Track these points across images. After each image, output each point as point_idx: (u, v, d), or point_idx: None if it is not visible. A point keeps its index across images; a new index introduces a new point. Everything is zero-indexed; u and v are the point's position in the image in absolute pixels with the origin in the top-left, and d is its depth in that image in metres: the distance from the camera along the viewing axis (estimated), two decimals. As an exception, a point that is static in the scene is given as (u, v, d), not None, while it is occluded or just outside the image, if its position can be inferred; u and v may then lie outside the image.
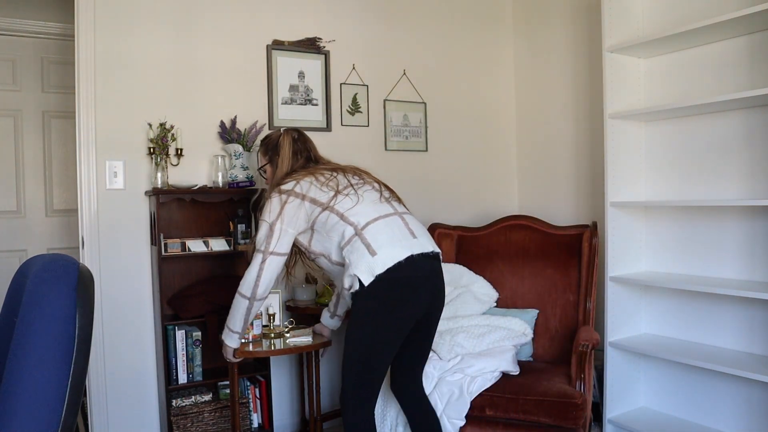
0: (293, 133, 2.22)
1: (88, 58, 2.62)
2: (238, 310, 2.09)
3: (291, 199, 2.04)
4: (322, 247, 2.07)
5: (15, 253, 3.67)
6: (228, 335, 2.16)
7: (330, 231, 2.01)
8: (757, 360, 2.36)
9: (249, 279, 2.05)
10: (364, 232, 1.95)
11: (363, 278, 1.89)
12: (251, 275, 2.04)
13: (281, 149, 2.18)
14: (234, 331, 2.14)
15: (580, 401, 2.24)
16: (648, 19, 2.80)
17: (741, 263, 2.51)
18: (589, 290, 2.76)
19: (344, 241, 1.97)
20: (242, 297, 2.07)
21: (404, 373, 2.20)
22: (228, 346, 2.19)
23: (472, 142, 3.66)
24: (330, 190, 2.04)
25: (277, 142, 2.21)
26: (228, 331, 2.16)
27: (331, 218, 2.00)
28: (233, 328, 2.14)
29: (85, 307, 0.98)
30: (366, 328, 1.95)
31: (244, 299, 2.07)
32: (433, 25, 3.52)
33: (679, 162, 2.73)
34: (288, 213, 2.03)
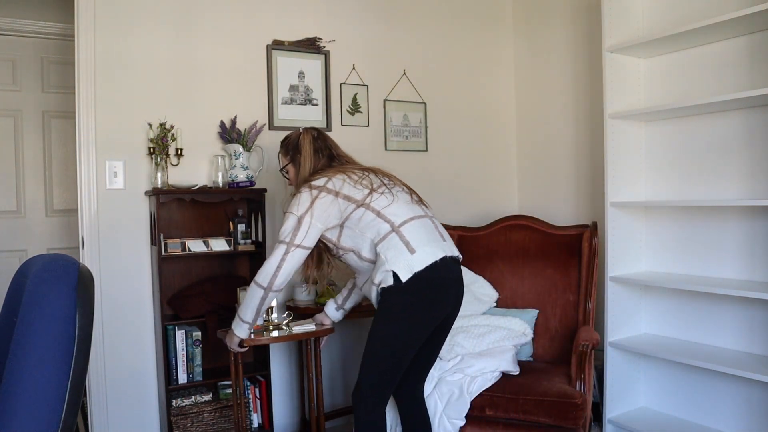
0: (312, 132, 2.24)
1: (88, 58, 2.62)
2: (252, 299, 2.08)
3: (323, 194, 2.04)
4: (352, 243, 2.07)
5: (15, 253, 3.67)
6: (238, 325, 2.15)
7: (364, 228, 2.02)
8: (757, 360, 2.36)
9: (268, 269, 2.03)
10: (402, 230, 1.99)
11: (401, 274, 1.92)
12: (271, 265, 2.03)
13: (302, 148, 2.19)
14: (244, 321, 2.13)
15: (580, 401, 2.24)
16: (648, 19, 2.80)
17: (741, 263, 2.51)
18: (589, 290, 2.76)
19: (379, 238, 1.99)
20: (258, 287, 2.05)
21: (410, 376, 2.19)
22: (236, 335, 2.17)
23: (472, 142, 3.66)
24: (364, 188, 2.06)
25: (298, 142, 2.22)
26: (238, 320, 2.15)
27: (367, 215, 2.02)
28: (244, 317, 2.12)
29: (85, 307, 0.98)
30: (401, 323, 1.97)
31: (260, 289, 2.05)
32: (433, 25, 3.52)
33: (679, 162, 2.73)
34: (319, 208, 2.03)
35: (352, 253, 2.09)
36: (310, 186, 2.07)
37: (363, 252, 2.05)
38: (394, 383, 2.03)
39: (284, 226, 2.05)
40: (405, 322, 1.97)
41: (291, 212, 2.06)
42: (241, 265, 2.93)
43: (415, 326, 1.99)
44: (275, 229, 3.00)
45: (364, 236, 2.03)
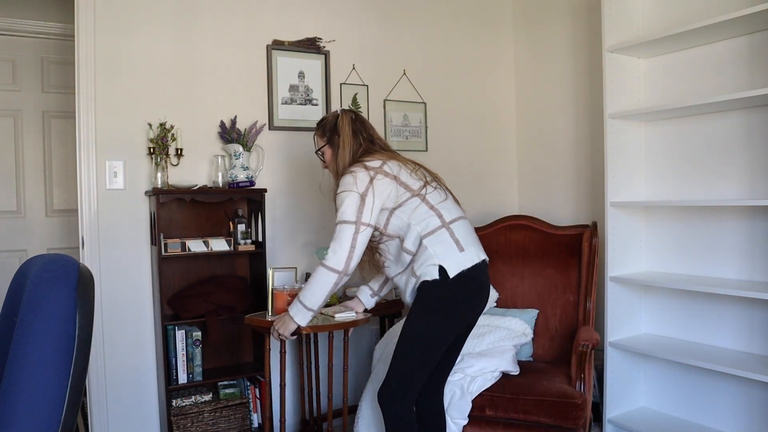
0: (351, 114, 2.17)
1: (88, 58, 2.62)
2: (324, 285, 1.99)
3: (380, 176, 2.00)
4: (398, 230, 2.02)
5: (15, 253, 3.67)
6: (299, 311, 2.05)
7: (416, 218, 1.99)
8: (757, 360, 2.36)
9: (341, 251, 1.96)
10: (452, 227, 1.99)
11: (450, 270, 1.92)
12: (343, 248, 1.96)
13: (341, 130, 2.12)
14: (309, 309, 2.04)
15: (580, 401, 2.24)
16: (648, 19, 2.80)
17: (741, 263, 2.51)
18: (589, 290, 2.76)
19: (427, 231, 1.97)
20: (331, 271, 1.98)
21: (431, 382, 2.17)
22: (294, 322, 2.07)
23: (472, 142, 3.66)
24: (419, 180, 2.05)
25: (336, 123, 2.15)
26: (301, 307, 2.05)
27: (422, 207, 2.00)
28: (310, 305, 2.03)
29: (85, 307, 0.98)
30: (439, 317, 1.95)
31: (333, 273, 1.98)
32: (433, 26, 3.52)
33: (679, 162, 2.73)
34: (379, 188, 1.99)
35: (395, 241, 2.04)
36: (365, 166, 2.02)
37: (407, 242, 2.01)
38: (421, 381, 2.01)
39: (345, 206, 1.97)
40: (443, 317, 1.96)
41: (350, 190, 1.98)
42: (241, 265, 2.93)
43: (451, 323, 1.98)
44: (275, 229, 3.01)
45: (412, 227, 1.99)
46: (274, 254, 2.98)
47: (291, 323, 2.08)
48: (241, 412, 2.70)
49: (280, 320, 2.12)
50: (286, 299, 2.26)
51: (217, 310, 2.65)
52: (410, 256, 2.02)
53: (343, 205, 1.98)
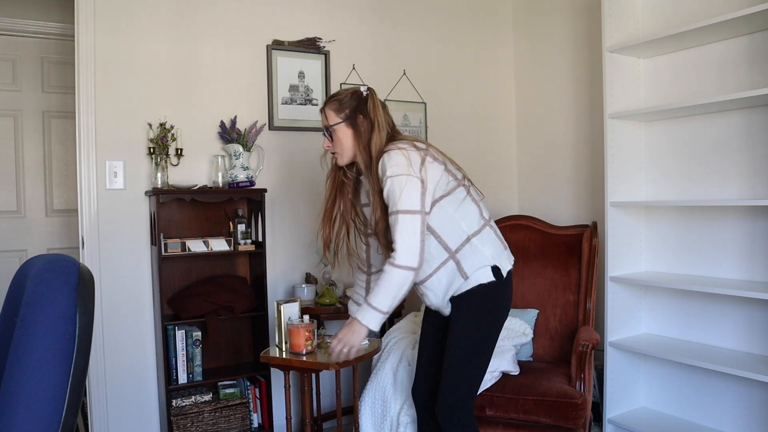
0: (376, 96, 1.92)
1: (88, 58, 2.62)
2: (399, 286, 1.76)
3: (430, 159, 1.80)
4: (441, 224, 1.83)
5: (15, 253, 3.67)
6: (373, 317, 1.79)
7: (462, 212, 1.84)
8: (757, 360, 2.36)
9: (412, 246, 1.74)
10: (493, 225, 1.90)
11: (504, 269, 1.84)
12: (414, 240, 1.74)
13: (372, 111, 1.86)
14: (381, 311, 1.78)
15: (580, 401, 2.24)
16: (648, 19, 2.80)
17: (741, 263, 2.51)
18: (589, 290, 2.76)
19: (475, 229, 1.84)
20: (406, 269, 1.74)
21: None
22: (364, 326, 1.81)
23: (472, 142, 3.66)
24: (459, 172, 1.90)
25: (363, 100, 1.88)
26: (371, 310, 1.79)
27: (468, 200, 1.86)
28: (382, 307, 1.78)
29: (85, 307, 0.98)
30: (495, 321, 1.88)
31: (408, 271, 1.75)
32: (433, 25, 3.52)
33: (679, 162, 2.73)
34: (431, 171, 1.79)
35: (432, 239, 1.83)
36: (414, 145, 1.81)
37: (449, 239, 1.83)
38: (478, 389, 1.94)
39: (404, 192, 1.74)
40: (500, 319, 1.88)
41: (408, 174, 1.74)
42: (241, 265, 2.93)
43: (502, 324, 1.90)
44: (275, 229, 3.00)
45: (458, 221, 1.83)
46: (274, 254, 2.98)
47: (362, 329, 1.83)
48: (241, 412, 2.71)
49: (347, 330, 1.86)
50: (304, 335, 2.21)
51: (217, 310, 2.65)
52: (445, 255, 1.85)
53: (404, 192, 1.74)
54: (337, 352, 1.87)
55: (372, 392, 2.50)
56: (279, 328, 2.35)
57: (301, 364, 2.20)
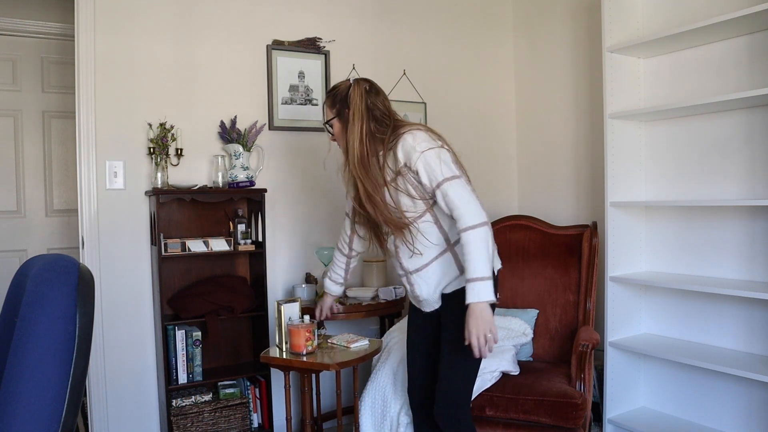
0: (364, 84, 1.96)
1: (88, 58, 2.62)
2: (485, 243, 1.72)
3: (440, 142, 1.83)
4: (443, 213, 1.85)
5: (15, 253, 3.67)
6: (477, 288, 1.69)
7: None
8: (757, 360, 2.36)
9: (472, 204, 1.74)
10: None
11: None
12: (471, 199, 1.75)
13: (351, 102, 1.90)
14: (485, 278, 1.70)
15: (580, 401, 2.24)
16: (648, 19, 2.80)
17: (741, 263, 2.51)
18: (589, 290, 2.76)
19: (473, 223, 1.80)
20: (480, 226, 1.72)
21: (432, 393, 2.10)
22: (482, 303, 1.69)
23: (472, 142, 3.66)
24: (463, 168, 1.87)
25: (347, 94, 1.94)
26: (476, 283, 1.69)
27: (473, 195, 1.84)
28: (483, 273, 1.69)
29: (85, 307, 0.98)
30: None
31: (483, 227, 1.73)
32: (433, 25, 3.52)
33: (679, 162, 2.73)
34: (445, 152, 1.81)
35: (435, 229, 1.86)
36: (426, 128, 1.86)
37: (451, 231, 1.86)
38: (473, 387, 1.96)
39: (442, 162, 1.76)
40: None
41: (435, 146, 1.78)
42: (241, 265, 2.93)
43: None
44: (275, 229, 3.01)
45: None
46: (274, 254, 2.98)
47: (484, 308, 1.71)
48: (241, 412, 2.71)
49: (472, 321, 1.71)
50: (304, 335, 2.22)
51: (217, 310, 2.65)
52: (444, 246, 1.86)
53: (441, 162, 1.77)
54: (483, 345, 1.71)
55: (372, 392, 2.50)
56: (279, 328, 2.35)
57: (302, 364, 2.20)
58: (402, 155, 1.81)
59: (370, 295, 2.97)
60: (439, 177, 1.77)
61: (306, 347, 2.22)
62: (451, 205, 1.76)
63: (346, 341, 2.36)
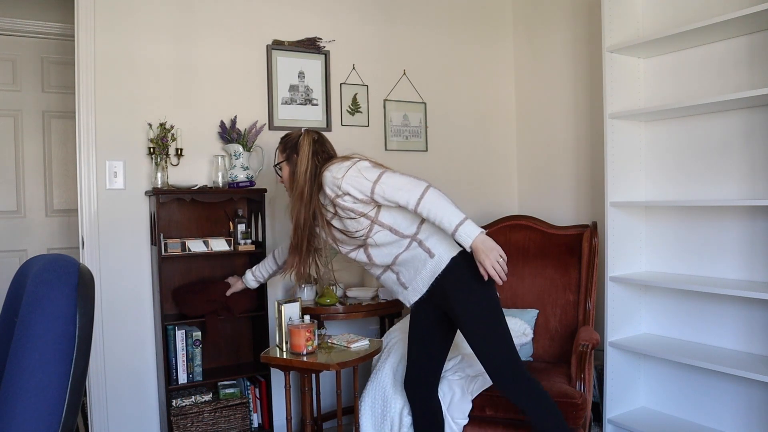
0: (313, 135, 2.18)
1: (88, 58, 2.62)
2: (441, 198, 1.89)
3: (367, 164, 1.99)
4: (392, 219, 2.01)
5: (15, 253, 3.67)
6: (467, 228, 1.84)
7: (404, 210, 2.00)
8: (757, 360, 2.36)
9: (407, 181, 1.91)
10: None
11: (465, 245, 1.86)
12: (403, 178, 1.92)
13: (300, 149, 2.13)
14: (464, 218, 1.86)
15: (580, 401, 2.24)
16: (648, 19, 2.80)
17: (741, 263, 2.51)
18: (589, 290, 2.76)
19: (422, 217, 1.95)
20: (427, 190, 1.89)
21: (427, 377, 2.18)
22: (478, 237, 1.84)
23: (472, 142, 3.66)
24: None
25: (297, 141, 2.16)
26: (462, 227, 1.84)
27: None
28: (459, 216, 1.86)
29: (85, 307, 0.98)
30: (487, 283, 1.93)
31: (429, 188, 1.90)
32: (433, 25, 3.52)
33: (679, 162, 2.73)
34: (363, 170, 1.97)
35: (387, 232, 2.01)
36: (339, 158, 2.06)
37: (405, 229, 2.01)
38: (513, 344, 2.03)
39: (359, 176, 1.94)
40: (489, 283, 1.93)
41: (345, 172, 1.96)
42: (241, 265, 2.93)
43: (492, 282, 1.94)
44: (275, 229, 3.01)
45: (406, 214, 2.00)
46: (274, 254, 2.98)
47: (487, 239, 1.86)
48: (241, 412, 2.70)
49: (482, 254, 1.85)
50: (304, 335, 2.23)
51: (217, 310, 2.65)
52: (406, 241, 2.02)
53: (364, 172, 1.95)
54: (500, 271, 1.85)
55: (372, 392, 2.50)
56: (279, 328, 2.35)
57: (302, 364, 2.20)
58: (329, 190, 2.00)
59: (370, 295, 2.97)
60: (369, 185, 1.93)
61: (306, 347, 2.22)
62: (393, 196, 1.91)
63: (346, 341, 2.36)
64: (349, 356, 2.24)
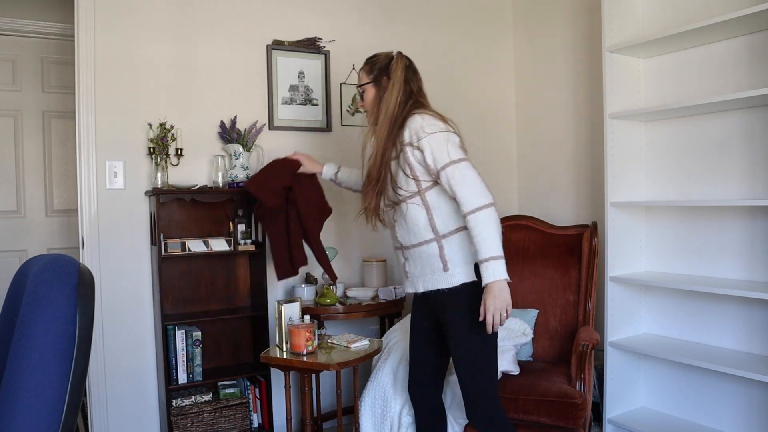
0: (406, 59, 2.01)
1: (88, 58, 2.62)
2: (492, 222, 1.75)
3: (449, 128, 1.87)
4: (436, 203, 1.87)
5: (15, 253, 3.67)
6: (491, 267, 1.73)
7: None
8: (757, 360, 2.36)
9: (476, 185, 1.77)
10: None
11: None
12: (476, 181, 1.78)
13: (393, 73, 1.95)
14: (497, 257, 1.74)
15: (580, 401, 2.24)
16: (648, 19, 2.80)
17: (741, 263, 2.51)
18: (589, 290, 2.76)
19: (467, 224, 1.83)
20: (487, 207, 1.76)
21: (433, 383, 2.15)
22: (500, 281, 1.74)
23: (472, 142, 3.59)
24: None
25: (389, 64, 1.98)
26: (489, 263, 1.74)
27: None
28: (494, 252, 1.74)
29: (85, 307, 0.98)
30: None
31: (489, 207, 1.76)
32: (434, 25, 3.52)
33: (679, 162, 2.73)
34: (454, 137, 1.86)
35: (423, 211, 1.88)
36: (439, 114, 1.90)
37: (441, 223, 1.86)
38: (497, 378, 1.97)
39: (450, 144, 1.81)
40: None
41: (444, 130, 1.83)
42: (241, 265, 2.93)
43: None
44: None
45: (455, 208, 1.85)
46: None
47: (500, 285, 1.75)
48: (241, 412, 2.71)
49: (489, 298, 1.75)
50: (304, 335, 2.23)
51: (217, 311, 2.65)
52: (431, 236, 1.88)
53: (449, 144, 1.81)
54: (497, 323, 1.77)
55: (372, 392, 2.50)
56: (279, 328, 2.35)
57: (302, 364, 2.20)
58: (407, 133, 1.86)
59: (370, 295, 2.97)
60: (446, 159, 1.80)
61: (306, 347, 2.22)
62: (457, 186, 1.79)
63: (346, 341, 2.37)
64: (349, 356, 2.24)
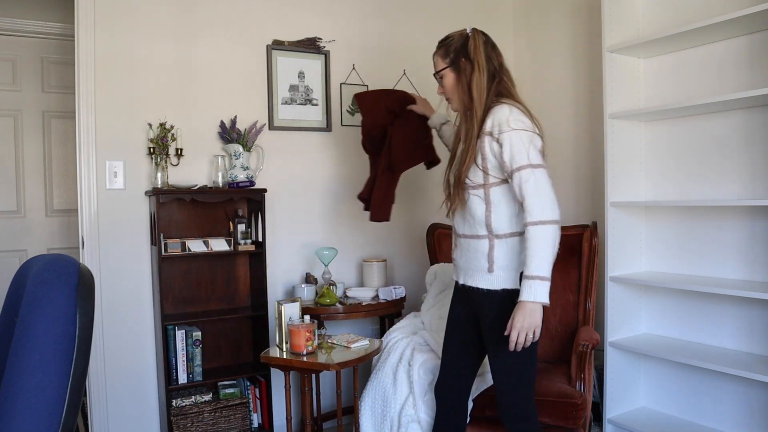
0: (482, 34, 1.85)
1: (88, 58, 2.62)
2: (550, 243, 1.66)
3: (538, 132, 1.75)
4: (498, 200, 1.78)
5: (15, 253, 3.67)
6: (534, 287, 1.65)
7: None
8: (757, 360, 2.36)
9: (547, 197, 1.67)
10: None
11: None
12: (548, 192, 1.68)
13: (473, 52, 1.80)
14: (544, 278, 1.65)
15: (580, 401, 2.24)
16: (648, 19, 2.80)
17: (741, 263, 2.51)
18: (589, 290, 2.76)
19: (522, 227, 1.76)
20: (550, 224, 1.66)
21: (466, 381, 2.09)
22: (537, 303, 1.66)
23: (472, 142, 3.65)
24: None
25: (466, 43, 1.83)
26: (533, 282, 1.66)
27: None
28: (542, 273, 1.66)
29: (85, 307, 0.98)
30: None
31: (553, 224, 1.66)
32: (433, 25, 3.51)
33: (679, 162, 2.73)
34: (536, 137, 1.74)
35: (482, 205, 1.79)
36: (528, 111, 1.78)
37: (497, 215, 1.78)
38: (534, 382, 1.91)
39: (532, 147, 1.70)
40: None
41: (530, 129, 1.72)
42: (241, 265, 2.93)
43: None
44: (275, 229, 3.01)
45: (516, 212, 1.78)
46: (274, 254, 2.98)
47: (535, 308, 1.67)
48: (241, 412, 2.71)
49: (520, 315, 1.68)
50: (304, 335, 2.23)
51: (217, 311, 2.65)
52: (485, 232, 1.80)
53: (531, 146, 1.70)
54: (520, 343, 1.69)
55: (372, 392, 2.50)
56: (279, 328, 2.35)
57: (302, 364, 2.20)
58: (490, 122, 1.75)
59: (370, 295, 2.97)
60: (524, 160, 1.69)
61: (306, 347, 2.22)
62: (526, 192, 1.69)
63: (346, 341, 2.37)
64: (349, 356, 2.24)
